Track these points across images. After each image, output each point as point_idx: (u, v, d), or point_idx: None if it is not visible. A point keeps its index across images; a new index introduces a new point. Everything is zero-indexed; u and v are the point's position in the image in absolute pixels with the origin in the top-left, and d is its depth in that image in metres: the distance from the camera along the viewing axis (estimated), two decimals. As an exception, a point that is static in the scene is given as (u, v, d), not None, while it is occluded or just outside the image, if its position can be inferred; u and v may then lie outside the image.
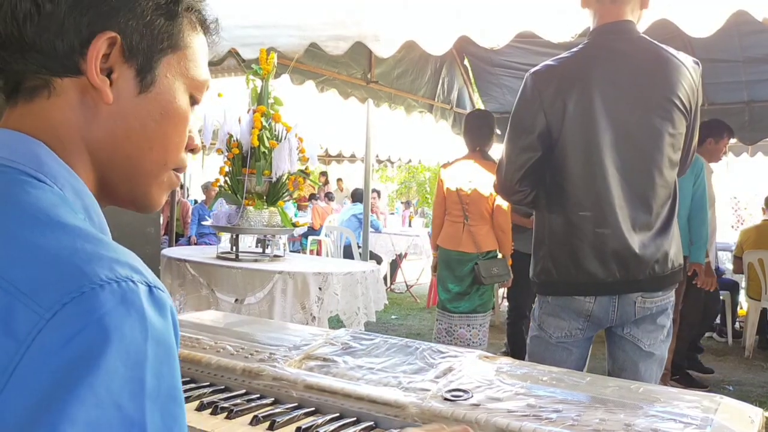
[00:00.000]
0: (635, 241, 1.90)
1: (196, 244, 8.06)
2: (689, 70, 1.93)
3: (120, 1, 0.66)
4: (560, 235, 1.98)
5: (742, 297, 6.12)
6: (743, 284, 5.92)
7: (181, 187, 10.54)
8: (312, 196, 10.73)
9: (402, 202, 16.09)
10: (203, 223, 6.52)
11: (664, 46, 1.97)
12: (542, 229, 2.04)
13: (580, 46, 2.02)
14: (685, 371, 4.61)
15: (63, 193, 0.62)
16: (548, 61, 2.01)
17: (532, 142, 1.97)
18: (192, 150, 0.77)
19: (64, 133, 0.66)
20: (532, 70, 2.02)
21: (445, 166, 4.25)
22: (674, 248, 1.96)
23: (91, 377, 0.50)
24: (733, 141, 5.28)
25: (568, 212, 1.96)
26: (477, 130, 4.10)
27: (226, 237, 4.85)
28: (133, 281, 0.55)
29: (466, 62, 6.88)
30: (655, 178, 1.91)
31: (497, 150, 7.42)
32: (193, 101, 0.75)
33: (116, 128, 0.68)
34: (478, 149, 4.05)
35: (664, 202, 1.94)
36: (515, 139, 2.02)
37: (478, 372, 1.28)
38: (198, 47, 0.74)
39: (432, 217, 4.63)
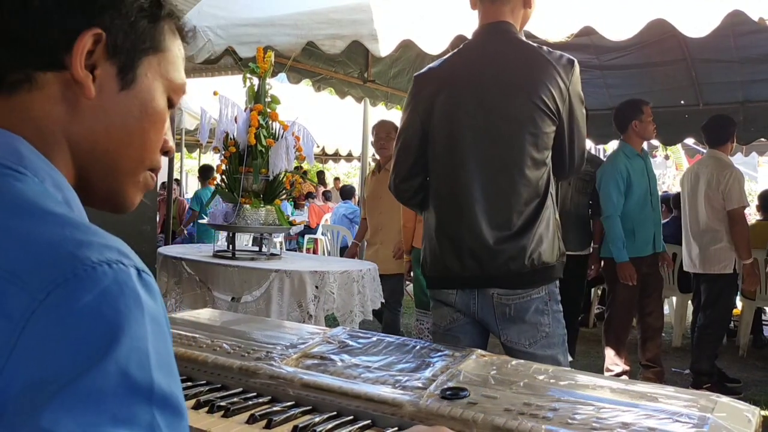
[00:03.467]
0: (490, 237, 1.93)
1: (191, 236, 8.02)
2: (558, 71, 1.92)
3: (107, 2, 0.68)
4: (431, 231, 2.08)
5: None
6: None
7: (178, 183, 10.52)
8: (309, 195, 10.72)
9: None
10: (200, 221, 6.50)
11: (538, 46, 1.99)
12: (424, 224, 2.16)
13: (460, 46, 2.09)
14: (717, 377, 4.55)
15: (44, 185, 0.63)
16: (432, 63, 2.11)
17: (410, 143, 2.07)
18: (166, 152, 0.79)
19: (45, 127, 0.67)
20: (417, 72, 2.13)
21: None
22: (542, 247, 1.94)
23: (91, 353, 0.51)
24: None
25: (435, 208, 2.06)
26: None
27: (222, 235, 4.84)
28: (123, 264, 0.56)
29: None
30: (515, 177, 1.93)
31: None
32: (171, 104, 0.77)
33: (97, 123, 0.69)
34: None
35: (527, 201, 1.94)
36: (397, 139, 2.14)
37: (475, 370, 1.29)
38: (177, 52, 0.77)
39: (402, 221, 4.63)
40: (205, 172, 8.64)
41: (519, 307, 1.95)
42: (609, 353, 4.36)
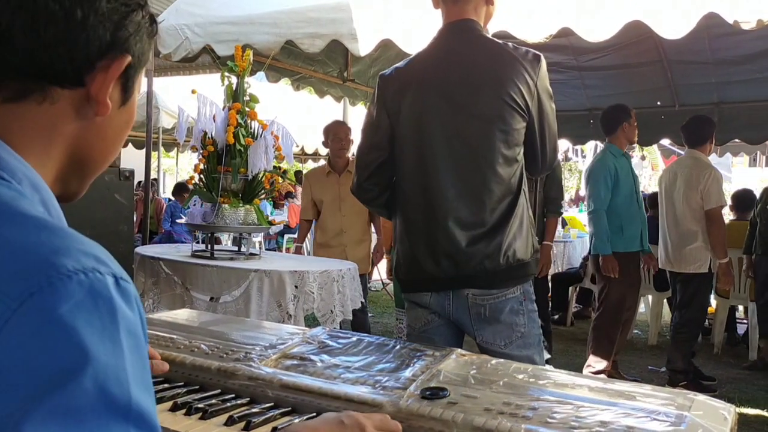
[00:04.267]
0: (464, 237, 1.93)
1: (170, 236, 7.97)
2: (525, 67, 1.93)
3: (134, 26, 0.69)
4: (403, 233, 2.07)
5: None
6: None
7: (155, 182, 10.42)
8: (288, 194, 10.68)
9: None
10: (178, 221, 6.44)
11: (504, 43, 1.99)
12: (394, 227, 2.14)
13: (425, 46, 2.09)
14: (692, 375, 4.60)
15: (21, 188, 0.62)
16: (398, 63, 2.11)
17: (379, 142, 2.07)
18: None
19: (47, 136, 0.66)
20: (383, 72, 2.13)
21: None
22: (516, 244, 1.95)
23: (70, 364, 0.50)
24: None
25: (406, 210, 2.05)
26: None
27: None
28: (100, 272, 0.55)
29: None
30: (487, 175, 1.93)
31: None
32: None
33: (97, 137, 0.70)
34: None
35: (500, 199, 1.94)
36: (363, 138, 2.13)
37: (455, 370, 1.29)
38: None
39: (382, 222, 4.64)
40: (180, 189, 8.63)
41: (494, 308, 1.95)
42: (596, 350, 4.39)
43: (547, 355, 3.59)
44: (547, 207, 4.62)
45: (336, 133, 4.57)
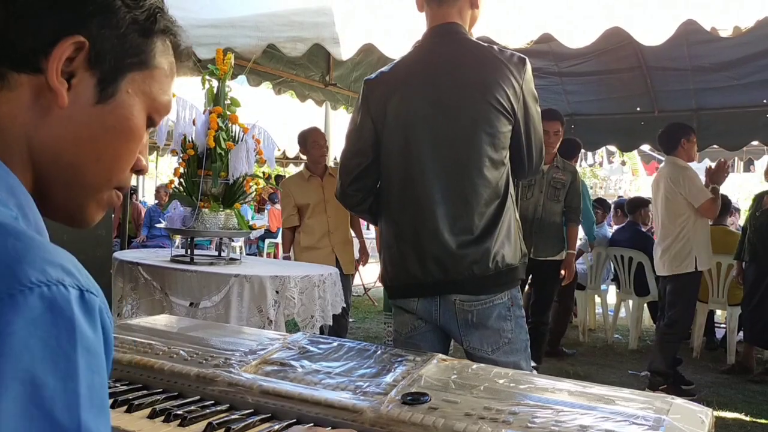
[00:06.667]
0: (453, 242, 1.92)
1: (144, 243, 7.91)
2: (511, 70, 1.93)
3: (97, 9, 0.65)
4: (389, 238, 2.05)
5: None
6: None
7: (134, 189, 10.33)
8: (270, 197, 10.63)
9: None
10: (157, 225, 6.39)
11: (489, 46, 2.00)
12: (381, 233, 2.13)
13: (410, 50, 2.10)
14: (672, 379, 4.64)
15: None
16: (383, 68, 2.10)
17: (363, 148, 2.05)
18: (138, 171, 0.75)
19: (7, 129, 0.63)
20: (367, 76, 2.12)
21: None
22: (505, 249, 1.94)
23: (15, 387, 0.48)
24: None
25: (393, 215, 2.03)
26: None
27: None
28: (64, 285, 0.53)
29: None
30: (474, 178, 1.92)
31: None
32: (151, 123, 0.74)
33: (64, 133, 0.66)
34: None
35: (488, 202, 1.94)
36: (347, 144, 2.11)
37: (436, 375, 1.28)
38: (167, 70, 0.73)
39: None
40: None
41: (481, 314, 1.94)
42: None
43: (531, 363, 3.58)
44: (567, 216, 4.62)
45: (316, 139, 4.60)
